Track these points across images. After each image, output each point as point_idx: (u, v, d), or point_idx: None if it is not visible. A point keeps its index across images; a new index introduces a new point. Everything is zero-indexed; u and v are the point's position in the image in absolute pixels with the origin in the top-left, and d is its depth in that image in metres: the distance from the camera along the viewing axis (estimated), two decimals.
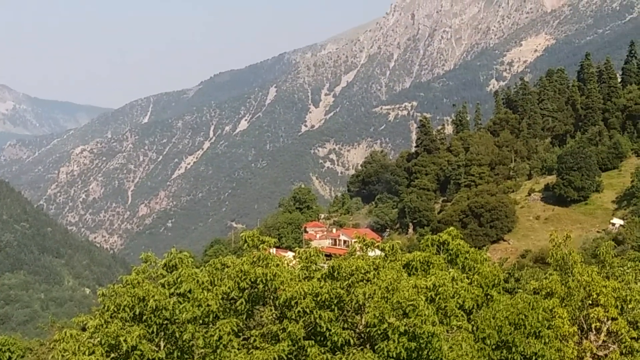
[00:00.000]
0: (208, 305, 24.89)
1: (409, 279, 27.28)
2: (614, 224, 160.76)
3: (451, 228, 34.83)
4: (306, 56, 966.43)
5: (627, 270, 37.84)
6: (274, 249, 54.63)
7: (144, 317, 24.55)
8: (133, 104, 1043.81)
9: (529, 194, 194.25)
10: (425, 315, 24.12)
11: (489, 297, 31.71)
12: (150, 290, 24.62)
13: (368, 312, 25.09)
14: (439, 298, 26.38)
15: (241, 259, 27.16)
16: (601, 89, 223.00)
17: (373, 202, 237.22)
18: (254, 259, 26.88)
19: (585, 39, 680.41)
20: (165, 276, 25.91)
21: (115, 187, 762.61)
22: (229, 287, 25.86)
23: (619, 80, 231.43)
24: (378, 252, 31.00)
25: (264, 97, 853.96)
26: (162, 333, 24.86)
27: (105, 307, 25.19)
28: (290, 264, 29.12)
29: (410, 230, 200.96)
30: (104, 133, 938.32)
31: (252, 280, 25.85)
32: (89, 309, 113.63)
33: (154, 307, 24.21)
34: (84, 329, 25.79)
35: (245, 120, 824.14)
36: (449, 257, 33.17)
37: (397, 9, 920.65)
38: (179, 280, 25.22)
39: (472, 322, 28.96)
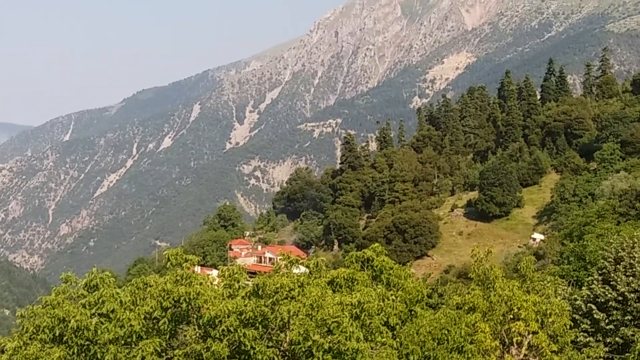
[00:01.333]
0: (130, 325, 24.49)
1: (333, 295, 27.24)
2: (534, 239, 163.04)
3: (376, 244, 34.90)
4: (230, 73, 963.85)
5: (547, 285, 38.41)
6: (199, 267, 54.03)
7: (65, 338, 24.06)
8: (54, 122, 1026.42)
9: (452, 210, 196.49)
10: (349, 332, 24.09)
11: (412, 312, 31.86)
12: (70, 310, 24.16)
13: (292, 330, 24.98)
14: (364, 315, 26.37)
15: (164, 278, 26.79)
16: (521, 106, 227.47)
17: (298, 219, 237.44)
18: (177, 278, 26.53)
19: (505, 57, 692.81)
20: (87, 296, 25.46)
21: (35, 206, 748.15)
22: (151, 307, 25.45)
23: (538, 97, 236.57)
24: (303, 269, 30.90)
25: (187, 115, 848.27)
26: (84, 354, 24.37)
27: (24, 329, 24.64)
28: (214, 282, 28.83)
29: (336, 246, 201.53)
30: (24, 151, 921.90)
31: (175, 299, 25.47)
32: (8, 331, 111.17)
33: (75, 328, 23.76)
34: (2, 352, 25.22)
35: (169, 137, 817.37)
36: (374, 274, 33.20)
37: (320, 27, 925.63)
38: (100, 300, 24.79)
39: (397, 338, 29.05)
